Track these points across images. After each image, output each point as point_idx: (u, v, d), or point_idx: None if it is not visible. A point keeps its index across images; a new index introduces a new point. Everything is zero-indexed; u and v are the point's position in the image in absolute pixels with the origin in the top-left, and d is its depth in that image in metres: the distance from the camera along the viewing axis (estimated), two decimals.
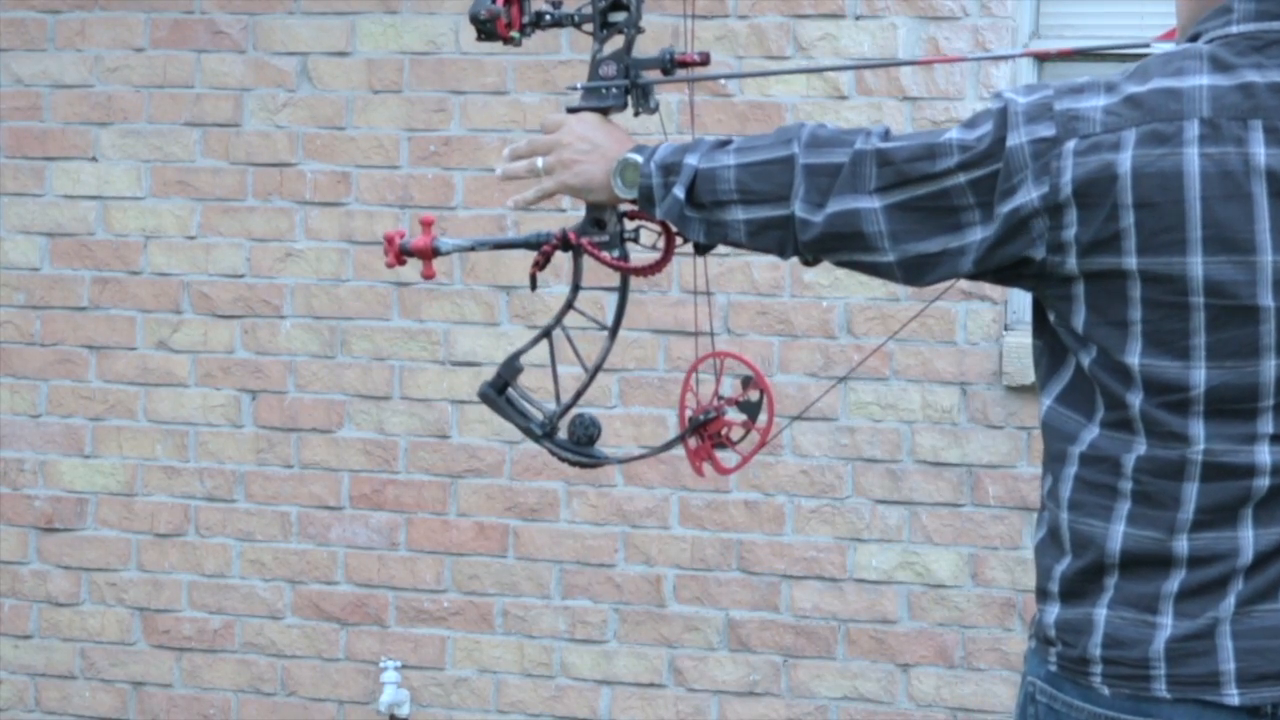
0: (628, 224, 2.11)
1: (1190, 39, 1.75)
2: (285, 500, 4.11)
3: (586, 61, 2.13)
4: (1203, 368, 1.66)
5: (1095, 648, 1.72)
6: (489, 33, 2.14)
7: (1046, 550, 1.79)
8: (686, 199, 1.91)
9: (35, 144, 4.21)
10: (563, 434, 2.18)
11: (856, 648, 3.86)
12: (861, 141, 1.80)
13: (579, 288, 2.18)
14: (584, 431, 2.15)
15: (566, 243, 2.11)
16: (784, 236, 1.86)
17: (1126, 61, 2.21)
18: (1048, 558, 1.79)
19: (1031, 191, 1.68)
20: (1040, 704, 1.78)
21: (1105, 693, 1.72)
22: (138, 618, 4.20)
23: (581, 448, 2.16)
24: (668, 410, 3.90)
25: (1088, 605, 1.74)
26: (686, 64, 2.11)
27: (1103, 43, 3.10)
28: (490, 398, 2.18)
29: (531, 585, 4.00)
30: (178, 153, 4.14)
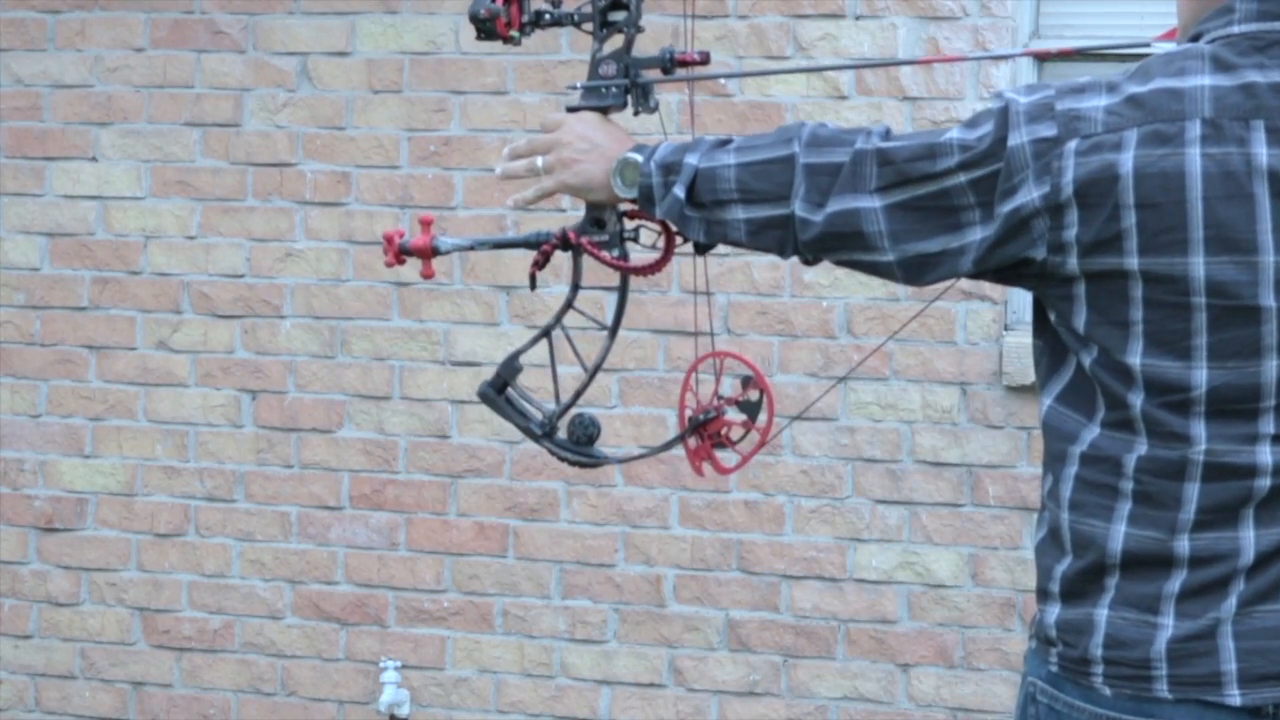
0: (627, 223, 2.11)
1: (1192, 39, 1.74)
2: (285, 500, 4.11)
3: (586, 61, 2.12)
4: (1204, 368, 1.66)
5: (1096, 648, 1.72)
6: (489, 32, 2.14)
7: (1047, 550, 1.79)
8: (687, 198, 1.91)
9: (35, 144, 4.21)
10: (562, 434, 2.18)
11: (856, 648, 3.86)
12: (862, 141, 1.79)
13: (579, 287, 2.18)
14: (583, 431, 2.15)
15: (566, 242, 2.11)
16: (784, 236, 1.86)
17: (1126, 61, 2.22)
18: (1048, 558, 1.79)
19: (1032, 191, 1.68)
20: (1041, 704, 1.78)
21: (1106, 693, 1.72)
22: (138, 618, 4.19)
23: (581, 447, 2.16)
24: (668, 410, 3.90)
25: (1089, 605, 1.73)
26: (686, 63, 2.11)
27: (1103, 43, 3.09)
28: (490, 397, 2.17)
29: (531, 585, 4.00)
30: (178, 153, 4.14)
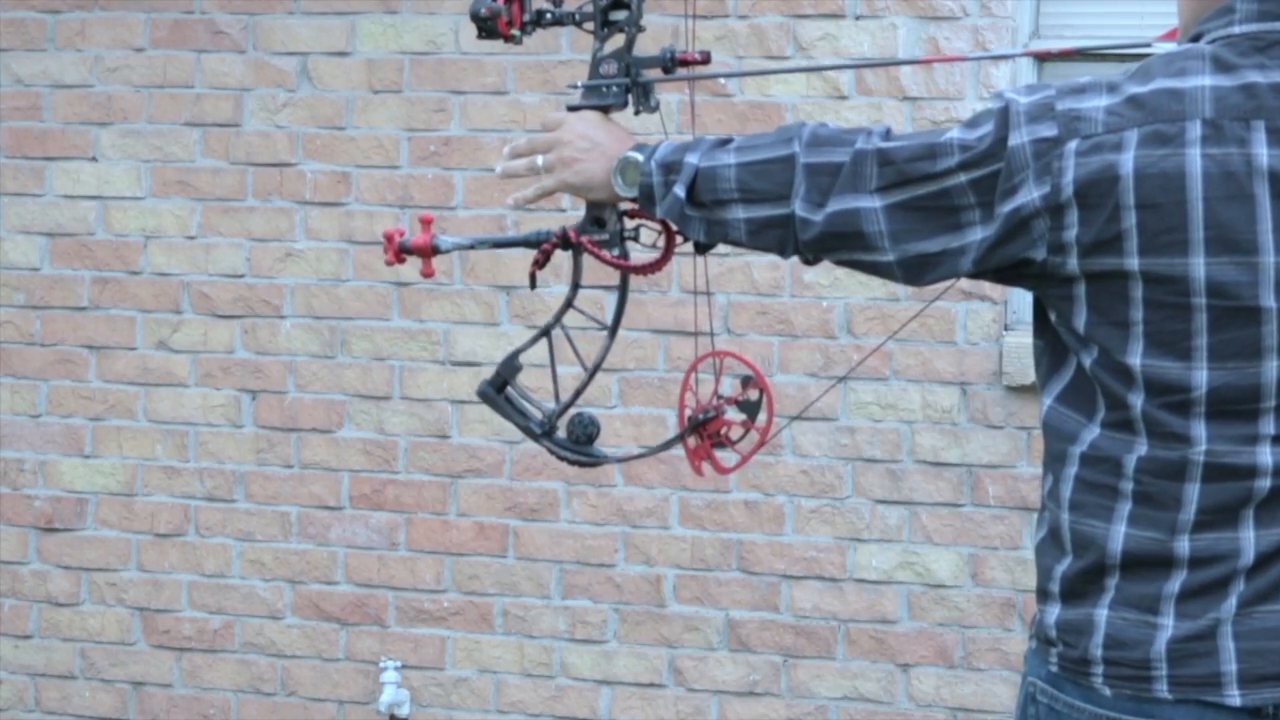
0: (628, 223, 2.11)
1: (1192, 39, 1.74)
2: (285, 500, 4.11)
3: (587, 61, 2.12)
4: (1204, 369, 1.66)
5: (1096, 648, 1.72)
6: (490, 31, 2.13)
7: (1047, 550, 1.79)
8: (687, 198, 1.91)
9: (35, 144, 4.21)
10: (562, 433, 2.17)
11: (856, 648, 3.85)
12: (862, 141, 1.79)
13: (579, 286, 2.18)
14: (583, 430, 2.15)
15: (566, 241, 2.11)
16: (784, 235, 1.86)
17: (1127, 61, 2.22)
18: (1048, 558, 1.78)
19: (1033, 191, 1.67)
20: (1041, 704, 1.78)
21: (1106, 693, 1.72)
22: (138, 618, 4.19)
23: (581, 447, 2.16)
24: (667, 410, 3.89)
25: (1089, 606, 1.73)
26: (687, 63, 2.11)
27: (1103, 43, 3.10)
28: (489, 396, 2.17)
29: (531, 585, 4.00)
30: (178, 153, 4.14)
